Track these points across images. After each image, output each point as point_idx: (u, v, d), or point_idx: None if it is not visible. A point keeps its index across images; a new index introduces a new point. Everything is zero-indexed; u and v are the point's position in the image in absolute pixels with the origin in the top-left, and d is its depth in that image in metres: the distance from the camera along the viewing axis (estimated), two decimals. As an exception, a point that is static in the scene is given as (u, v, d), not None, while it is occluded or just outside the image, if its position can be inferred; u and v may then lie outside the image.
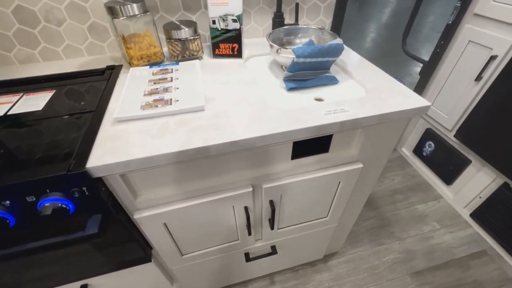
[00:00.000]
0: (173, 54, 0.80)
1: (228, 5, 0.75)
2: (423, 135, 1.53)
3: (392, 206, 1.43)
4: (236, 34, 0.80)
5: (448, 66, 1.27)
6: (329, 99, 0.66)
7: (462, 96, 1.23)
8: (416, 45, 3.53)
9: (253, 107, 0.61)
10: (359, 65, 0.79)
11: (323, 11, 0.99)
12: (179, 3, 0.85)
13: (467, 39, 1.16)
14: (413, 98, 0.63)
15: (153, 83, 0.69)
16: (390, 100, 0.62)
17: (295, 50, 0.65)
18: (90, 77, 0.77)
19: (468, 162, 1.28)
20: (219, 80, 0.72)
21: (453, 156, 1.35)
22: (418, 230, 1.32)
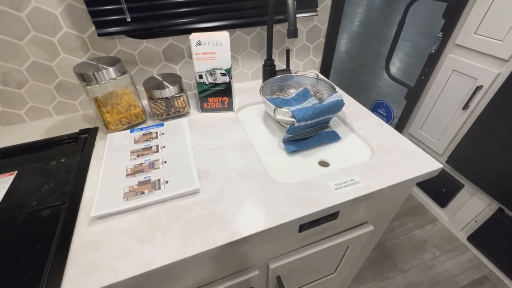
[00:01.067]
0: (156, 113, 0.72)
1: (215, 59, 0.69)
2: (413, 158, 1.53)
3: (391, 234, 1.40)
4: (226, 87, 0.73)
5: (434, 93, 1.28)
6: (335, 163, 0.61)
7: (450, 123, 1.24)
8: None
9: (253, 183, 0.54)
10: (358, 114, 0.75)
11: (312, 51, 0.95)
12: (160, 55, 0.77)
13: (451, 68, 1.17)
14: (424, 159, 0.59)
15: (136, 156, 0.60)
16: (401, 164, 0.58)
17: (295, 114, 0.59)
18: (60, 146, 0.67)
19: (460, 186, 1.29)
20: (211, 145, 0.65)
21: (446, 180, 1.35)
22: (420, 260, 1.29)
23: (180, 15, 0.71)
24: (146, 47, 0.74)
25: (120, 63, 0.63)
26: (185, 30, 0.74)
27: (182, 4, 0.70)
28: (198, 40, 0.66)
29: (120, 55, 0.73)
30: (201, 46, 0.67)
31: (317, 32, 0.91)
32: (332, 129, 0.69)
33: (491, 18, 0.99)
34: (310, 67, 0.99)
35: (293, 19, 0.54)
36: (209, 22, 0.74)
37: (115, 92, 0.66)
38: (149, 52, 0.75)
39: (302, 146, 0.64)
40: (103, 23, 0.65)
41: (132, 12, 0.65)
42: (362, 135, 0.67)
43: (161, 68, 0.79)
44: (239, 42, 0.83)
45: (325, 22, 0.89)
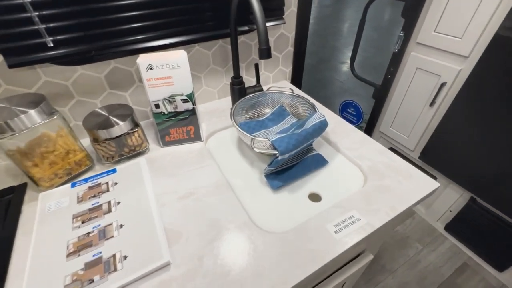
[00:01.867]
0: (105, 156, 0.58)
1: (173, 84, 0.57)
2: (386, 155, 1.55)
3: (374, 234, 1.40)
4: (190, 115, 0.62)
5: (401, 91, 1.29)
6: (327, 195, 0.53)
7: (419, 119, 1.25)
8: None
9: (238, 240, 0.44)
10: (340, 130, 0.68)
11: (282, 61, 0.87)
12: (102, 82, 0.62)
13: (415, 66, 1.18)
14: (419, 179, 0.54)
15: (80, 222, 0.46)
16: (398, 189, 0.52)
17: (277, 145, 0.50)
18: (-28, 217, 0.50)
19: (433, 178, 1.32)
20: (179, 192, 0.53)
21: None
22: (406, 257, 1.30)
23: (122, 33, 0.57)
24: (83, 74, 0.59)
25: (45, 101, 0.48)
26: (131, 51, 0.60)
27: (124, 20, 0.56)
28: (149, 64, 0.54)
29: (47, 88, 0.57)
30: (154, 71, 0.54)
31: (285, 41, 0.83)
32: (317, 152, 0.62)
33: (448, 16, 1.00)
34: (280, 78, 0.91)
35: (264, 36, 0.44)
36: (161, 40, 0.62)
37: (46, 136, 0.51)
38: (87, 81, 0.60)
39: (287, 179, 0.55)
40: (15, 51, 0.49)
41: (56, 34, 0.51)
42: (350, 155, 0.61)
43: (107, 97, 0.65)
44: (200, 59, 0.72)
45: (292, 30, 0.81)
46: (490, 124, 0.99)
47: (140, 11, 0.57)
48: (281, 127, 0.67)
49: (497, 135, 0.98)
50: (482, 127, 1.02)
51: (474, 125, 1.04)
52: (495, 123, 0.97)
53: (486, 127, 1.01)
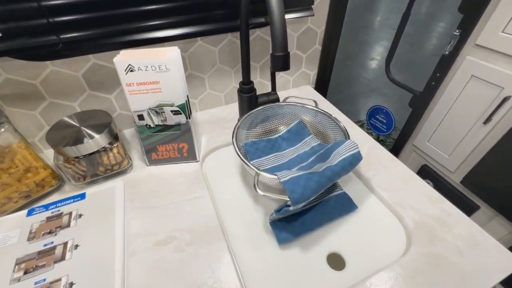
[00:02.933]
0: (75, 176, 0.47)
1: (161, 90, 0.44)
2: (418, 172, 1.35)
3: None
4: (183, 130, 0.49)
5: (447, 101, 1.08)
6: (353, 261, 0.39)
7: (466, 137, 1.05)
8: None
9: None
10: (376, 160, 0.52)
11: (305, 62, 0.71)
12: (80, 82, 0.51)
13: (469, 74, 0.97)
14: (491, 250, 0.38)
15: (22, 272, 0.35)
16: (459, 264, 0.36)
17: (290, 190, 0.36)
18: None
19: (476, 208, 1.12)
20: (158, 235, 0.40)
21: (458, 199, 1.18)
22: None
23: (99, 22, 0.44)
24: (54, 71, 0.47)
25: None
26: (113, 44, 0.48)
27: (101, 4, 0.43)
28: (129, 65, 0.41)
29: (10, 87, 0.46)
30: (135, 73, 0.42)
31: (312, 37, 0.67)
32: (342, 190, 0.47)
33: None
34: (302, 82, 0.76)
35: (281, 38, 0.29)
36: (152, 32, 0.48)
37: (8, 147, 0.40)
38: (60, 79, 0.49)
39: (300, 230, 0.41)
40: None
41: (6, 21, 0.38)
42: (387, 200, 0.45)
43: (87, 99, 0.53)
44: (204, 56, 0.58)
45: (322, 24, 0.65)
46: None
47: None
48: (298, 150, 0.53)
49: None
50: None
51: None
52: None
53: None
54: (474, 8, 0.88)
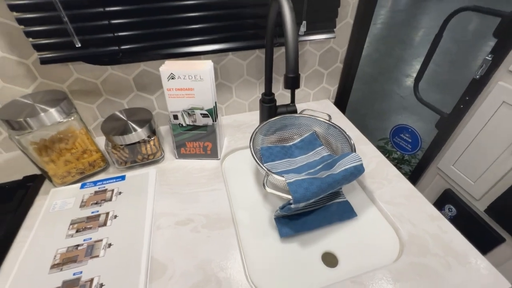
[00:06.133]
0: (119, 161, 0.57)
1: (194, 96, 0.52)
2: (441, 196, 1.30)
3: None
4: (209, 131, 0.57)
5: (475, 126, 1.05)
6: (346, 260, 0.43)
7: (494, 165, 1.01)
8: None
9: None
10: (383, 175, 0.56)
11: (326, 78, 0.76)
12: (130, 84, 0.61)
13: (501, 99, 0.94)
14: (481, 270, 0.40)
15: (75, 230, 0.45)
16: (447, 277, 0.39)
17: (293, 190, 0.41)
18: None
19: (501, 240, 1.06)
20: (179, 215, 0.48)
21: (482, 228, 1.12)
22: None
23: (151, 37, 0.54)
24: (112, 74, 0.59)
25: (65, 100, 0.48)
26: (160, 55, 0.58)
27: (154, 23, 0.53)
28: (171, 73, 0.50)
29: (78, 84, 0.58)
30: (175, 81, 0.50)
31: (334, 56, 0.72)
32: (345, 198, 0.51)
33: None
34: (323, 96, 0.81)
35: (293, 62, 0.35)
36: (191, 46, 0.58)
37: (71, 132, 0.51)
38: (116, 80, 0.60)
39: (301, 227, 0.46)
40: (46, 47, 0.49)
41: (83, 34, 0.50)
42: (387, 212, 0.49)
43: (133, 98, 0.64)
44: (233, 68, 0.66)
45: (344, 44, 0.70)
46: None
47: (173, 14, 0.53)
48: (308, 158, 0.58)
49: None
50: None
51: None
52: None
53: None
54: (509, 34, 0.87)
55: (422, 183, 1.41)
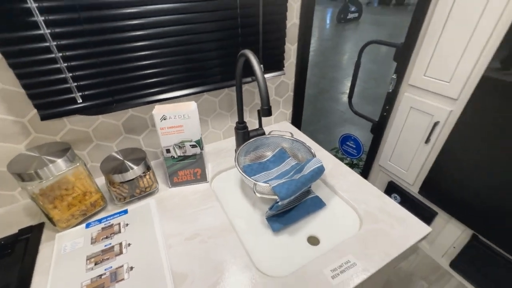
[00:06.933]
0: (119, 197, 0.62)
1: (183, 131, 0.63)
2: (387, 187, 1.57)
3: (378, 271, 1.37)
4: (198, 159, 0.67)
5: (397, 128, 1.35)
6: (325, 238, 0.56)
7: (416, 155, 1.30)
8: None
9: (240, 284, 0.47)
10: (338, 173, 0.73)
11: (282, 104, 0.94)
12: (119, 128, 0.69)
13: (409, 106, 1.25)
14: (412, 224, 0.57)
15: (93, 264, 0.49)
16: (392, 234, 0.55)
17: (278, 191, 0.54)
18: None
19: (435, 214, 1.33)
20: (186, 233, 0.56)
21: (420, 208, 1.39)
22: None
23: (140, 87, 0.65)
24: (103, 122, 0.66)
25: (70, 150, 0.54)
26: (148, 102, 0.68)
27: (142, 77, 0.64)
28: (163, 115, 0.60)
29: (70, 135, 0.63)
30: (167, 121, 0.61)
31: (285, 87, 0.91)
32: (315, 194, 0.66)
33: (436, 62, 1.09)
34: (282, 119, 0.98)
35: (266, 98, 0.51)
36: (174, 91, 0.70)
37: (66, 179, 0.56)
38: (106, 127, 0.67)
39: (287, 221, 0.59)
40: (48, 105, 0.56)
41: (83, 90, 0.58)
42: (346, 198, 0.65)
43: (122, 140, 0.71)
44: (208, 105, 0.79)
45: (292, 77, 0.90)
46: (485, 161, 1.03)
47: (156, 69, 0.65)
48: (281, 169, 0.72)
49: (493, 173, 1.01)
50: (477, 165, 1.06)
51: (470, 163, 1.08)
52: (489, 161, 1.01)
53: (481, 165, 1.05)
54: (403, 59, 1.19)
55: (370, 179, 1.67)
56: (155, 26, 0.59)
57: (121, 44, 0.58)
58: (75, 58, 0.54)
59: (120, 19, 0.55)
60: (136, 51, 0.60)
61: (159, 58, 0.64)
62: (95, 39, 0.55)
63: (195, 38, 0.65)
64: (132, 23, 0.57)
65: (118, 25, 0.56)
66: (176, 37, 0.63)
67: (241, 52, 0.58)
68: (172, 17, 0.60)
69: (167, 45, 0.63)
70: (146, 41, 0.60)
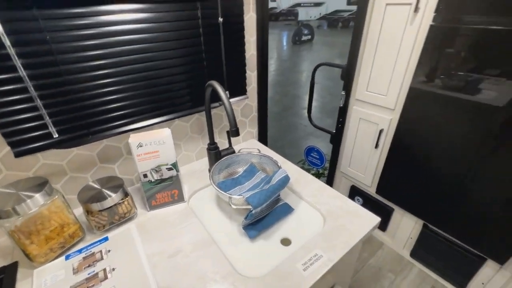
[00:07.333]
0: (98, 226, 0.64)
1: (159, 156, 0.68)
2: (350, 192, 1.72)
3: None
4: (174, 181, 0.72)
5: (351, 137, 1.53)
6: (295, 239, 0.64)
7: (369, 160, 1.47)
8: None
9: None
10: (303, 181, 0.83)
11: (248, 124, 1.04)
12: (94, 159, 0.71)
13: (358, 117, 1.44)
14: (366, 217, 0.68)
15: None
16: (350, 227, 0.65)
17: (251, 201, 0.62)
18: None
19: (391, 210, 1.50)
20: (168, 251, 0.60)
21: (379, 207, 1.55)
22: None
23: (115, 118, 0.69)
24: (77, 154, 0.68)
25: (47, 184, 0.56)
26: (123, 131, 0.72)
27: (116, 109, 0.69)
28: (139, 143, 0.65)
29: (44, 169, 0.64)
30: (143, 147, 0.66)
31: (250, 109, 1.01)
32: (284, 201, 0.74)
33: (374, 79, 1.29)
34: (249, 137, 1.07)
35: (233, 121, 0.60)
36: (148, 120, 0.75)
37: (42, 213, 0.57)
38: (81, 159, 0.69)
39: (262, 227, 0.66)
40: (22, 142, 0.58)
41: (60, 125, 0.61)
42: (311, 202, 0.74)
43: (97, 171, 0.73)
44: (180, 130, 0.85)
45: (255, 100, 1.00)
46: (424, 160, 1.22)
47: (129, 101, 0.70)
48: (252, 182, 0.80)
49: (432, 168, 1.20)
50: (418, 163, 1.25)
51: (412, 162, 1.26)
52: (427, 159, 1.20)
53: (421, 163, 1.24)
54: (348, 78, 1.38)
55: (335, 186, 1.82)
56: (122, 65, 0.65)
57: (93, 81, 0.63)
58: (50, 96, 0.58)
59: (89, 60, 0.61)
60: (108, 86, 0.65)
61: (130, 92, 0.69)
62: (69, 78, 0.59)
63: (162, 72, 0.72)
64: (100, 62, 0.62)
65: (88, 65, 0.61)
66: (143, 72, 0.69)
67: (208, 83, 0.67)
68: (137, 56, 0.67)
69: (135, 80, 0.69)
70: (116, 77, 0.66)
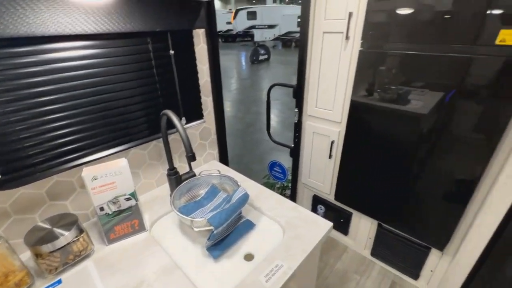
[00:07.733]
0: (49, 269, 0.60)
1: (116, 188, 0.67)
2: (313, 201, 1.82)
3: (320, 278, 1.54)
4: (134, 210, 0.71)
5: (308, 149, 1.65)
6: (258, 252, 0.68)
7: (325, 169, 1.59)
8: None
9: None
10: (262, 196, 0.87)
11: (208, 146, 1.07)
12: (43, 197, 0.68)
13: (312, 131, 1.57)
14: (320, 223, 0.75)
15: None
16: (307, 234, 0.71)
17: (211, 221, 0.64)
18: None
19: (350, 214, 1.62)
20: (130, 283, 0.59)
21: (339, 212, 1.67)
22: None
23: (67, 152, 0.67)
24: (23, 193, 0.64)
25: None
26: (74, 166, 0.70)
27: (68, 142, 0.67)
28: (93, 176, 0.64)
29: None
30: (98, 180, 0.65)
31: (208, 132, 1.05)
32: (246, 218, 0.78)
33: (321, 96, 1.44)
34: (210, 159, 1.10)
35: (188, 147, 0.63)
36: (102, 151, 0.74)
37: None
38: (27, 199, 0.65)
39: (224, 247, 0.68)
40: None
41: (1, 165, 0.58)
42: (271, 215, 0.79)
43: (46, 209, 0.69)
44: (138, 158, 0.85)
45: (212, 123, 1.05)
46: (371, 166, 1.37)
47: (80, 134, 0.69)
48: (214, 203, 0.82)
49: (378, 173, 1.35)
50: (366, 169, 1.39)
51: (361, 168, 1.40)
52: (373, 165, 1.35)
53: (369, 169, 1.38)
54: (299, 96, 1.51)
55: (299, 197, 1.91)
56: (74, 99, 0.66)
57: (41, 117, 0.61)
58: (-11, 135, 0.55)
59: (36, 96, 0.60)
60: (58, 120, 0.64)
61: (83, 124, 0.69)
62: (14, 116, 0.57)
63: (116, 104, 0.73)
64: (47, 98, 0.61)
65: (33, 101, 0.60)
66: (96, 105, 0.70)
67: (163, 112, 0.69)
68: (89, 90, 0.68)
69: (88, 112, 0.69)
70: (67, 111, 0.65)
